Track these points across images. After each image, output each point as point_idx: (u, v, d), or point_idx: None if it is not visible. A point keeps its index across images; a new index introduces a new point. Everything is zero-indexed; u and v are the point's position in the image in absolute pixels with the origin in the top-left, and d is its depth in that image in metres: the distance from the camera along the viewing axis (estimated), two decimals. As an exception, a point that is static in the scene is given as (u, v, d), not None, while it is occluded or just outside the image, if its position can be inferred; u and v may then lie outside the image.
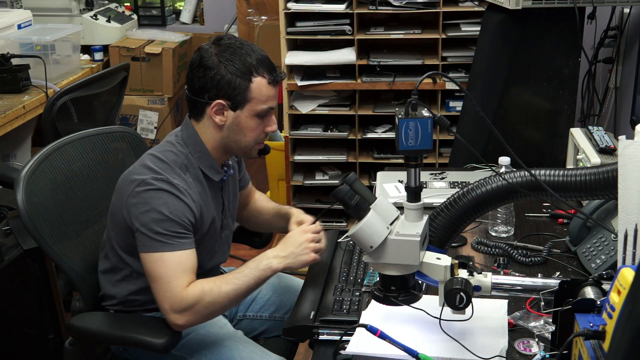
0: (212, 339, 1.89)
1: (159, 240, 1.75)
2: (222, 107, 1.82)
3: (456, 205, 1.51)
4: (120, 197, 1.83)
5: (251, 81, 1.81)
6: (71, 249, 1.95)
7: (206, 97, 1.82)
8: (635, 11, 3.07)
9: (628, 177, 1.39)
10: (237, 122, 1.84)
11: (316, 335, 1.69)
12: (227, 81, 1.80)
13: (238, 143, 1.87)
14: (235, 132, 1.85)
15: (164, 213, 1.75)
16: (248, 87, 1.81)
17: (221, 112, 1.83)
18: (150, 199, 1.77)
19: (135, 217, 1.77)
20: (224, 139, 1.87)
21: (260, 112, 1.84)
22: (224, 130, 1.85)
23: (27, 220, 1.84)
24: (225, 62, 1.80)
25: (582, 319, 1.31)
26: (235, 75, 1.80)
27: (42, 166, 1.93)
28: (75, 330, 1.87)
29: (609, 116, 3.25)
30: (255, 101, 1.82)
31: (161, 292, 1.75)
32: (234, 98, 1.81)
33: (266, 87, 1.83)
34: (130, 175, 1.82)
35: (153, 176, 1.78)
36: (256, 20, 4.34)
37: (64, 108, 2.88)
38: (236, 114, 1.83)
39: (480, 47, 2.97)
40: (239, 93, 1.81)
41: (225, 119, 1.84)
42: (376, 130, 3.56)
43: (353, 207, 1.44)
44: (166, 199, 1.77)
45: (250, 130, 1.86)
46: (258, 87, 1.82)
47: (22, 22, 3.76)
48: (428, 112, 1.41)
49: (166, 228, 1.75)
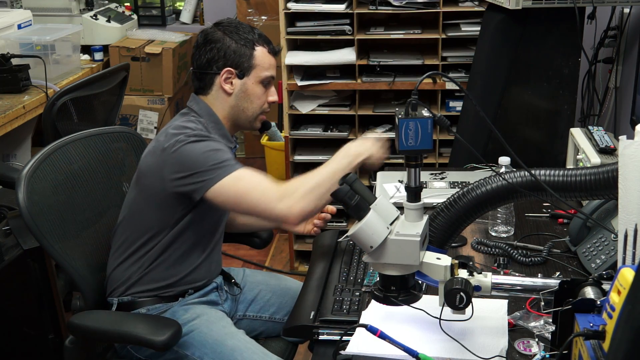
0: (213, 337, 1.90)
1: (222, 167, 1.83)
2: (231, 75, 1.98)
3: (456, 205, 1.51)
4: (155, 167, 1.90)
5: (254, 49, 1.98)
6: (72, 248, 1.96)
7: (215, 68, 1.98)
8: (635, 11, 3.07)
9: (628, 177, 1.39)
10: (244, 89, 1.99)
11: (316, 336, 1.69)
12: (233, 50, 1.97)
13: (245, 111, 2.01)
14: (243, 99, 2.00)
15: (211, 149, 1.86)
16: (252, 54, 1.98)
17: (229, 81, 1.98)
18: (193, 147, 1.86)
19: (185, 166, 1.85)
20: (233, 108, 2.00)
21: (264, 79, 2.00)
22: (233, 98, 1.99)
23: (29, 219, 1.84)
24: (230, 34, 1.98)
25: (582, 319, 1.31)
26: (240, 45, 1.97)
27: (42, 166, 1.94)
28: (75, 328, 1.87)
29: (609, 116, 3.25)
30: (260, 68, 1.99)
31: (260, 197, 1.82)
32: (241, 65, 1.97)
33: (267, 56, 2.01)
34: (160, 145, 1.90)
35: (186, 134, 1.88)
36: (256, 20, 4.35)
37: (64, 108, 2.88)
38: (243, 81, 1.99)
39: (480, 47, 2.97)
40: (245, 60, 1.97)
41: (234, 87, 1.98)
42: (376, 130, 3.55)
43: (353, 207, 1.44)
44: (206, 143, 1.87)
45: (257, 97, 2.00)
46: (261, 54, 1.99)
47: (22, 22, 3.76)
48: (428, 112, 1.41)
49: (221, 157, 1.85)
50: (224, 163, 1.84)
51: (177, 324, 1.83)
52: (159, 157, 1.90)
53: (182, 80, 4.48)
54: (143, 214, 1.96)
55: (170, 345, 1.78)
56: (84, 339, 1.96)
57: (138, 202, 1.97)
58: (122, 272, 1.98)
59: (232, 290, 2.13)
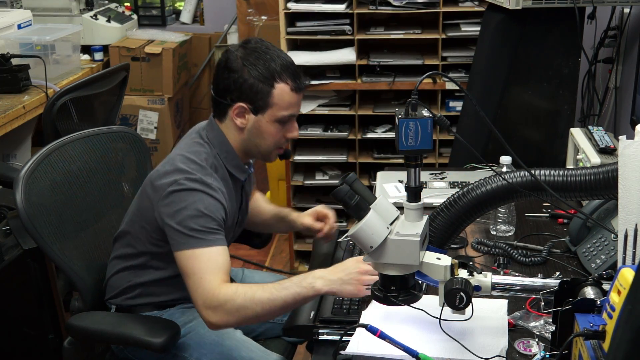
0: (211, 338, 1.89)
1: (193, 236, 1.75)
2: (244, 110, 1.84)
3: (456, 205, 1.51)
4: (151, 197, 1.83)
5: (273, 87, 1.81)
6: (70, 248, 1.95)
7: (228, 99, 1.84)
8: (635, 11, 3.07)
9: (628, 177, 1.39)
10: (257, 126, 1.85)
11: (316, 335, 1.69)
12: (249, 85, 1.81)
13: (258, 147, 1.89)
14: (256, 136, 1.87)
15: (199, 209, 1.76)
16: (270, 92, 1.82)
17: (242, 115, 1.85)
18: (185, 198, 1.77)
19: (169, 215, 1.78)
20: (245, 141, 1.89)
21: (281, 119, 1.85)
22: (245, 133, 1.87)
23: (27, 220, 1.84)
24: (249, 66, 1.81)
25: (582, 319, 1.31)
26: (258, 80, 1.81)
27: (41, 166, 1.93)
28: (74, 329, 1.88)
29: (609, 116, 3.25)
30: (277, 107, 1.83)
31: (194, 287, 1.73)
32: (256, 102, 1.82)
33: (288, 94, 1.83)
34: (161, 177, 1.82)
35: (186, 177, 1.79)
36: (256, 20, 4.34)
37: (64, 108, 2.88)
38: (257, 118, 1.84)
39: (480, 47, 2.97)
40: (261, 98, 1.82)
41: (246, 122, 1.85)
42: (376, 130, 3.55)
43: (353, 207, 1.44)
44: (200, 197, 1.78)
45: (271, 135, 1.87)
46: (280, 93, 1.82)
47: (22, 22, 3.76)
48: (428, 112, 1.41)
49: (201, 224, 1.76)
50: (197, 234, 1.74)
51: (176, 325, 1.83)
52: (157, 189, 1.81)
53: (182, 80, 4.48)
54: (142, 235, 1.91)
55: (169, 347, 1.78)
56: (83, 340, 1.96)
57: (138, 221, 1.91)
58: (121, 280, 1.97)
59: None
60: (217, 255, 1.75)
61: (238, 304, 1.70)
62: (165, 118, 4.37)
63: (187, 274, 1.75)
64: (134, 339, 1.82)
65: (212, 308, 1.71)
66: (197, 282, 1.73)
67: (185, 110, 4.59)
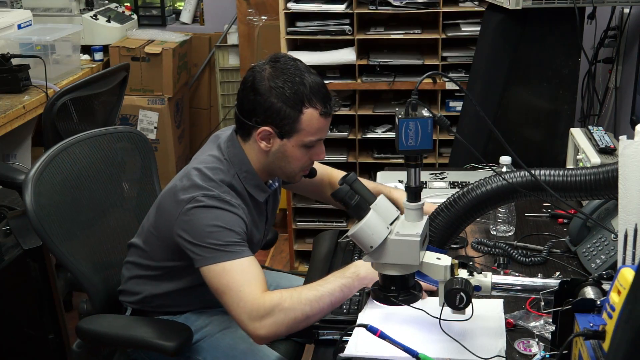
0: (226, 342, 1.89)
1: (219, 250, 1.68)
2: (269, 134, 1.76)
3: (456, 205, 1.51)
4: (169, 215, 1.78)
5: (302, 112, 1.74)
6: (78, 249, 1.96)
7: (254, 121, 1.76)
8: (635, 11, 3.07)
9: (628, 177, 1.39)
10: (282, 150, 1.78)
11: (316, 335, 1.69)
12: (276, 110, 1.73)
13: (282, 169, 1.83)
14: (280, 159, 1.80)
15: (219, 225, 1.70)
16: (298, 118, 1.74)
17: (267, 139, 1.78)
18: (204, 214, 1.72)
19: (189, 232, 1.72)
20: (269, 164, 1.82)
21: (308, 144, 1.78)
22: (269, 156, 1.80)
23: (36, 221, 1.83)
24: (277, 89, 1.73)
25: (582, 319, 1.31)
26: (286, 105, 1.73)
27: (49, 167, 1.94)
28: (84, 333, 1.85)
29: (609, 116, 3.25)
30: (305, 133, 1.76)
31: (234, 303, 1.65)
32: (282, 127, 1.75)
33: (317, 120, 1.76)
34: (179, 193, 1.76)
35: (204, 193, 1.73)
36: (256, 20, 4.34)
37: (64, 108, 2.88)
38: (283, 143, 1.77)
39: (480, 47, 2.97)
40: (288, 123, 1.74)
41: (271, 146, 1.78)
42: (376, 130, 3.55)
43: (353, 207, 1.44)
44: (219, 213, 1.72)
45: (296, 160, 1.80)
46: (309, 118, 1.75)
47: (22, 22, 3.76)
48: (428, 112, 1.41)
49: (224, 239, 1.69)
50: (223, 247, 1.68)
51: (189, 329, 1.82)
52: (174, 206, 1.75)
53: (182, 80, 4.48)
54: (158, 250, 1.87)
55: (182, 350, 1.77)
56: (93, 344, 1.95)
57: (155, 236, 1.87)
58: (138, 287, 1.95)
59: None
60: (249, 266, 1.69)
61: (286, 306, 1.62)
62: (165, 118, 4.37)
63: (222, 290, 1.67)
64: (146, 343, 1.80)
65: (260, 318, 1.62)
66: (237, 296, 1.64)
67: (185, 110, 4.59)
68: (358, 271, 1.67)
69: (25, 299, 2.51)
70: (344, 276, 1.67)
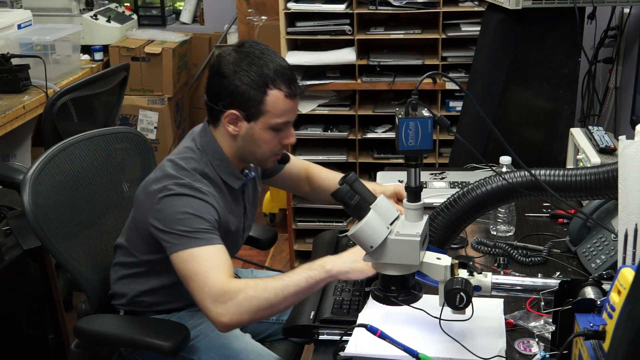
0: (220, 341, 1.88)
1: (187, 236, 1.71)
2: (236, 117, 1.79)
3: (456, 205, 1.51)
4: (143, 206, 1.81)
5: (266, 94, 1.76)
6: (76, 249, 1.96)
7: (220, 105, 1.79)
8: (635, 11, 3.07)
9: (628, 177, 1.39)
10: (250, 133, 1.80)
11: (316, 335, 1.69)
12: (240, 92, 1.75)
13: (253, 154, 1.85)
14: (250, 143, 1.82)
15: (188, 212, 1.73)
16: (263, 99, 1.76)
17: (235, 122, 1.80)
18: (174, 202, 1.74)
19: (160, 220, 1.75)
20: (239, 148, 1.84)
21: (275, 126, 1.80)
22: (239, 140, 1.82)
23: (34, 221, 1.83)
24: (241, 72, 1.75)
25: (582, 319, 1.31)
26: (250, 87, 1.75)
27: (47, 167, 1.94)
28: (82, 333, 1.86)
29: (609, 116, 3.25)
30: (270, 114, 1.77)
31: (199, 288, 1.66)
32: (248, 110, 1.77)
33: (282, 101, 1.77)
34: (151, 184, 1.80)
35: (175, 182, 1.76)
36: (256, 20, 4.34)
37: (64, 108, 2.88)
38: (250, 126, 1.79)
39: (480, 47, 2.97)
40: (253, 105, 1.76)
41: (239, 130, 1.80)
42: (376, 130, 3.55)
43: (353, 207, 1.44)
44: (189, 201, 1.75)
45: (265, 143, 1.82)
46: (274, 100, 1.76)
47: (22, 22, 3.76)
48: (428, 112, 1.41)
49: (193, 225, 1.72)
50: (191, 234, 1.70)
51: (186, 328, 1.82)
52: (147, 197, 1.79)
53: (182, 80, 4.48)
54: (139, 244, 1.89)
55: (179, 350, 1.77)
56: (91, 344, 1.95)
57: (135, 230, 1.90)
58: (126, 288, 1.95)
59: None
60: (216, 253, 1.70)
61: (250, 295, 1.62)
62: (165, 118, 4.37)
63: (189, 276, 1.68)
64: (143, 343, 1.81)
65: (223, 303, 1.62)
66: (202, 282, 1.65)
67: (185, 110, 4.59)
68: (324, 264, 1.67)
69: (25, 299, 2.51)
70: (310, 268, 1.67)
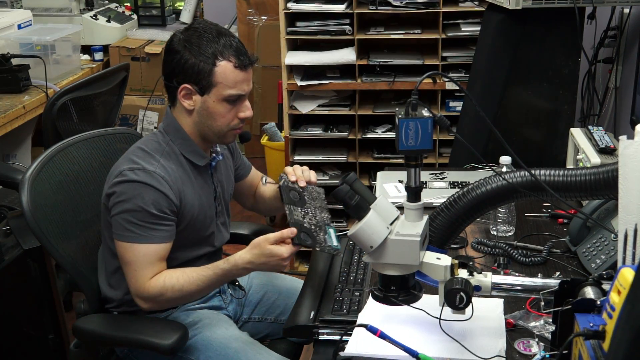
0: (217, 340, 1.89)
1: (131, 230, 1.80)
2: (190, 91, 1.84)
3: (456, 205, 1.51)
4: (104, 189, 1.88)
5: (215, 65, 1.80)
6: (75, 249, 1.96)
7: (175, 82, 1.84)
8: (635, 11, 3.07)
9: (628, 177, 1.39)
10: (205, 106, 1.84)
11: (316, 335, 1.69)
12: (190, 65, 1.80)
13: (210, 128, 1.88)
14: (206, 117, 1.86)
15: (138, 204, 1.79)
16: (212, 71, 1.80)
17: (189, 97, 1.85)
18: (126, 190, 1.80)
19: (112, 205, 1.82)
20: (197, 124, 1.88)
21: (229, 97, 1.83)
22: (195, 115, 1.87)
23: (32, 221, 1.84)
24: (190, 47, 1.81)
25: (582, 319, 1.31)
26: (199, 60, 1.80)
27: (46, 168, 1.94)
28: (81, 332, 1.87)
29: (609, 116, 3.25)
30: (222, 86, 1.82)
31: (129, 276, 1.84)
32: (199, 82, 1.81)
33: (232, 72, 1.82)
34: (113, 168, 1.87)
35: (130, 167, 1.82)
36: (256, 20, 4.34)
37: (64, 108, 2.88)
38: (204, 99, 1.84)
39: (480, 47, 2.97)
40: (204, 77, 1.81)
41: (194, 104, 1.85)
42: (376, 130, 3.55)
43: (353, 207, 1.44)
44: (141, 190, 1.80)
45: (220, 116, 1.85)
46: (223, 71, 1.81)
47: (22, 22, 3.76)
48: (428, 112, 1.41)
49: (139, 219, 1.80)
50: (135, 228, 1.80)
51: (184, 327, 1.82)
52: (107, 181, 1.87)
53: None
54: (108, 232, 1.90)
55: (177, 349, 1.77)
56: (90, 343, 1.95)
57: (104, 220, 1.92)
58: (112, 292, 1.95)
59: (236, 293, 2.10)
60: (150, 251, 1.82)
61: (167, 297, 1.83)
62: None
63: (124, 262, 1.84)
64: (142, 342, 1.81)
65: (143, 299, 1.83)
66: (132, 273, 1.83)
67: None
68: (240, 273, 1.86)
69: (25, 299, 2.51)
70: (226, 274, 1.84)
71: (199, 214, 1.92)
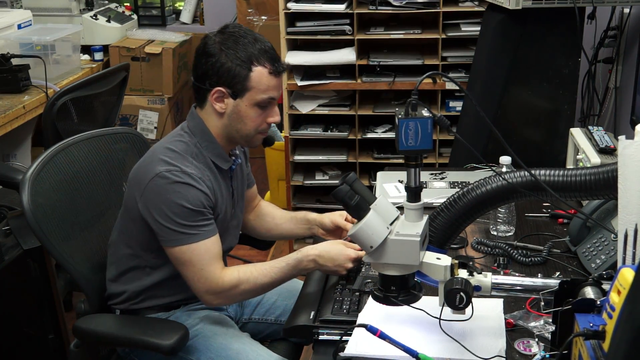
0: (218, 341, 1.89)
1: (185, 232, 1.79)
2: (222, 94, 1.84)
3: (456, 205, 1.51)
4: (135, 192, 1.84)
5: (251, 70, 1.82)
6: (75, 249, 1.96)
7: (207, 84, 1.85)
8: (635, 11, 3.07)
9: (628, 177, 1.39)
10: (237, 110, 1.85)
11: (316, 336, 1.69)
12: (227, 69, 1.81)
13: (239, 131, 1.88)
14: (236, 121, 1.86)
15: (184, 205, 1.78)
16: (248, 76, 1.82)
17: (221, 100, 1.85)
18: (168, 193, 1.78)
19: (155, 211, 1.80)
20: (226, 127, 1.88)
21: (261, 102, 1.85)
22: (225, 118, 1.87)
23: (33, 221, 1.83)
24: (227, 50, 1.82)
25: (582, 319, 1.31)
26: (235, 64, 1.81)
27: (46, 167, 1.94)
28: (81, 332, 1.86)
29: (609, 116, 3.25)
30: (255, 90, 1.83)
31: (196, 277, 1.82)
32: (234, 86, 1.83)
33: (267, 77, 1.84)
34: (143, 169, 1.84)
35: (167, 168, 1.80)
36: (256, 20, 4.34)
37: (64, 108, 2.88)
38: (236, 102, 1.84)
39: (480, 47, 2.97)
40: (239, 81, 1.82)
41: (226, 107, 1.85)
42: (376, 130, 3.56)
43: (353, 207, 1.44)
44: (183, 190, 1.79)
45: (251, 120, 1.86)
46: (258, 76, 1.82)
47: (22, 22, 3.76)
48: (428, 112, 1.41)
49: (189, 219, 1.79)
50: (187, 229, 1.79)
51: (184, 327, 1.82)
52: (140, 182, 1.83)
53: (182, 80, 4.48)
54: (133, 235, 1.90)
55: (178, 349, 1.77)
56: (90, 344, 1.95)
57: (127, 221, 1.91)
58: (122, 287, 1.95)
59: None
60: (210, 246, 1.82)
61: (242, 289, 1.84)
62: (165, 118, 4.37)
63: (185, 264, 1.81)
64: (142, 342, 1.81)
65: (216, 294, 1.83)
66: (198, 273, 1.81)
67: (185, 110, 4.59)
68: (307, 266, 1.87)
69: (25, 299, 2.51)
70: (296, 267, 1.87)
71: (221, 216, 1.92)
